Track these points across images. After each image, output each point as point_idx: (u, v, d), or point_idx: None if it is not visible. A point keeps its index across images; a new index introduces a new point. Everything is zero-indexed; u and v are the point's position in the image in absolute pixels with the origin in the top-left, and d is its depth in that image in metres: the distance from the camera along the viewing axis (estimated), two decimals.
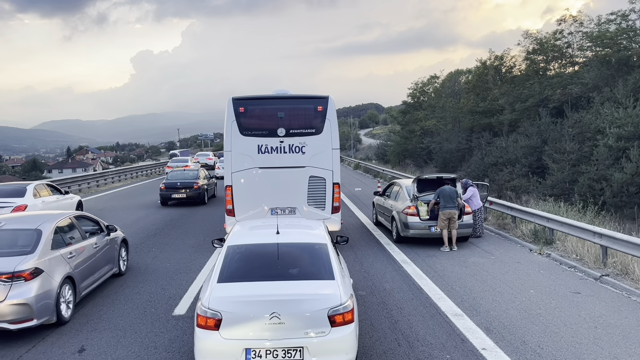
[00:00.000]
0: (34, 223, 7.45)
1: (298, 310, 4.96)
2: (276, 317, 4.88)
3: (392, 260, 10.56)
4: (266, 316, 4.90)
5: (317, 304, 5.00)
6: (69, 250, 7.54)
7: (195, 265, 10.26)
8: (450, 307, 7.60)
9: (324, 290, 5.17)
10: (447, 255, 10.82)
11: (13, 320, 6.37)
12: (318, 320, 4.93)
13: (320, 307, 4.97)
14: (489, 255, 10.84)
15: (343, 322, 4.98)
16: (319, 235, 6.27)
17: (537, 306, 7.59)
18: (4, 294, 6.37)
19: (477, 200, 12.39)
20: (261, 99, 11.29)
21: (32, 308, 6.45)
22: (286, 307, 4.94)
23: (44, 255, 6.91)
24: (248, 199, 10.84)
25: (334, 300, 5.03)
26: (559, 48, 36.79)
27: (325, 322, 4.94)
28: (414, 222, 11.56)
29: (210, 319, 4.94)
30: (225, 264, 5.57)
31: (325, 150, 10.88)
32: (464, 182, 12.58)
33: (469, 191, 12.37)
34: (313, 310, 4.96)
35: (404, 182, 13.21)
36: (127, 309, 7.75)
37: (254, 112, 10.98)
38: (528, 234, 12.11)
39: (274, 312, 4.89)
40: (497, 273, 9.42)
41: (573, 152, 28.85)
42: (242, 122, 10.82)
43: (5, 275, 6.43)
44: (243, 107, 10.82)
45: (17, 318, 6.39)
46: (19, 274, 6.49)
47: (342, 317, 4.97)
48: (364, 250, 11.50)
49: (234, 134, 10.81)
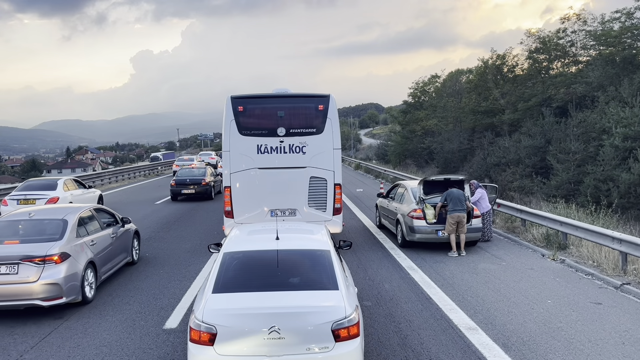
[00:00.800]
0: (60, 214, 8.33)
1: (299, 323, 4.61)
2: (276, 331, 4.54)
3: (398, 266, 10.01)
4: (265, 330, 4.55)
5: (319, 316, 4.65)
6: (90, 239, 8.39)
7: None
8: (462, 319, 7.05)
9: (327, 302, 4.83)
10: (456, 261, 10.27)
11: (45, 298, 7.16)
12: (321, 335, 4.58)
13: (324, 321, 4.61)
14: (500, 261, 10.29)
15: (348, 336, 4.63)
16: (321, 241, 5.92)
17: (556, 318, 7.05)
18: (38, 274, 7.14)
19: (485, 203, 11.86)
20: (261, 98, 10.98)
21: (62, 287, 7.26)
22: (286, 321, 4.59)
23: (70, 242, 7.75)
24: (247, 201, 10.50)
25: (338, 313, 4.67)
26: (562, 47, 36.27)
27: (329, 337, 4.58)
28: (420, 226, 11.01)
29: (205, 334, 4.59)
30: (221, 272, 5.23)
31: (326, 151, 10.58)
32: (474, 184, 12.05)
33: (477, 193, 11.84)
34: (315, 323, 4.61)
35: (409, 183, 12.66)
36: (115, 321, 7.20)
37: (253, 112, 10.69)
38: (540, 238, 11.54)
39: (273, 326, 4.54)
40: (510, 281, 8.87)
41: (578, 152, 28.31)
42: (241, 122, 10.51)
43: (38, 259, 7.21)
44: (242, 106, 10.52)
45: (49, 296, 7.18)
46: (50, 258, 7.28)
47: (347, 331, 4.62)
48: (368, 255, 10.96)
49: (233, 133, 10.50)
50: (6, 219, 8.39)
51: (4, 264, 7.10)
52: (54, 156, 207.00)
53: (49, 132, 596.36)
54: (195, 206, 19.20)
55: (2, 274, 7.07)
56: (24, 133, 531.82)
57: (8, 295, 7.05)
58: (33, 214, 8.40)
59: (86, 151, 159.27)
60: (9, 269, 7.10)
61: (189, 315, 5.79)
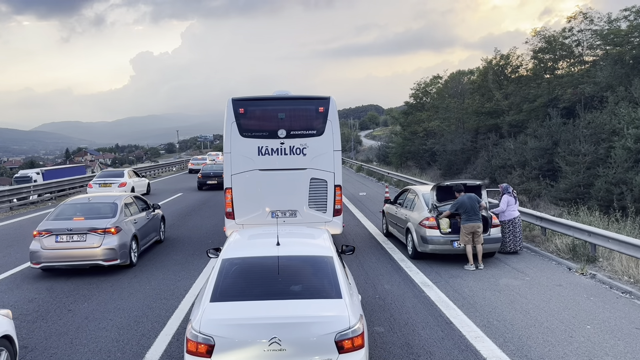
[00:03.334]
0: (111, 199, 10.70)
1: (301, 334, 4.41)
2: (276, 342, 4.35)
3: (410, 282, 9.02)
4: (265, 341, 4.36)
5: (322, 327, 4.45)
6: (133, 218, 10.81)
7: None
8: (492, 351, 6.06)
9: (331, 312, 4.63)
10: (474, 276, 9.29)
11: (105, 259, 9.59)
12: (324, 346, 4.38)
13: (327, 331, 4.41)
14: (523, 275, 9.30)
15: (352, 347, 4.41)
16: (324, 247, 5.69)
17: (601, 349, 6.06)
18: (100, 242, 9.55)
19: (512, 209, 10.84)
20: (261, 100, 11.02)
21: (117, 252, 9.68)
22: (287, 331, 4.40)
23: (120, 219, 10.12)
24: (248, 202, 10.57)
25: (341, 323, 4.47)
26: (568, 46, 35.33)
27: (332, 348, 4.38)
28: (434, 236, 10.02)
29: (202, 345, 4.39)
30: (219, 279, 5.03)
31: (326, 152, 10.58)
32: (503, 187, 11.05)
33: (503, 200, 10.83)
34: (318, 334, 4.41)
35: (420, 188, 11.63)
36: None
37: (254, 113, 10.75)
38: (564, 249, 10.51)
39: (273, 337, 4.36)
40: (538, 300, 7.88)
41: (588, 154, 27.35)
42: (242, 124, 10.55)
43: (100, 230, 9.60)
44: (243, 108, 10.59)
45: (108, 258, 9.60)
46: (109, 230, 9.67)
47: (351, 342, 4.41)
48: (376, 268, 9.98)
49: (234, 135, 10.54)
50: (71, 202, 10.77)
51: (76, 234, 9.56)
52: (53, 158, 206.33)
53: (49, 134, 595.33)
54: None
55: (74, 241, 9.55)
56: (24, 135, 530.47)
57: (80, 257, 9.54)
58: (91, 199, 10.92)
59: (85, 153, 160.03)
60: (80, 238, 9.55)
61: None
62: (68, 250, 9.48)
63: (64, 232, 9.52)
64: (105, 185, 21.80)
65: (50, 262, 9.51)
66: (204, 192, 24.96)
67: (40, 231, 9.59)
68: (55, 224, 9.73)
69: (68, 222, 9.75)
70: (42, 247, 9.47)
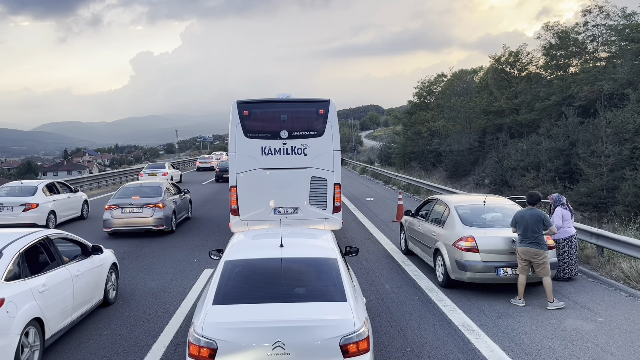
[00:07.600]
0: (156, 184, 14.77)
1: (305, 338, 4.32)
2: (280, 346, 4.26)
3: (448, 324, 6.98)
4: (268, 345, 4.27)
5: (327, 331, 4.35)
6: (172, 198, 14.47)
7: None
8: None
9: (335, 315, 4.54)
10: (529, 315, 7.24)
11: (155, 225, 13.44)
12: (328, 350, 4.28)
13: (331, 335, 4.31)
14: (592, 314, 7.25)
15: (357, 352, 4.31)
16: (328, 248, 5.64)
17: None
18: (152, 213, 13.40)
19: (568, 225, 8.84)
20: (265, 103, 11.49)
21: (164, 221, 13.54)
22: (291, 335, 4.31)
23: (165, 198, 13.86)
24: (252, 199, 11.04)
25: (346, 327, 4.37)
26: (581, 42, 33.31)
27: (337, 352, 4.28)
28: (473, 261, 7.97)
29: (204, 349, 4.31)
30: (222, 282, 4.99)
31: (326, 152, 11.05)
32: (554, 198, 9.03)
33: (556, 212, 8.81)
34: (322, 338, 4.32)
35: (451, 199, 9.50)
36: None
37: (257, 115, 11.20)
38: (635, 277, 8.45)
39: (277, 341, 4.27)
40: (627, 356, 5.86)
41: (612, 155, 25.32)
42: (246, 125, 11.04)
43: (152, 204, 13.42)
44: (247, 110, 11.06)
45: (157, 224, 13.47)
46: (157, 205, 13.52)
47: (356, 347, 4.31)
48: (400, 301, 7.93)
49: (239, 136, 11.02)
50: (129, 186, 14.74)
51: (135, 207, 13.35)
52: (52, 158, 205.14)
53: (49, 134, 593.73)
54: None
55: (134, 212, 13.34)
56: (24, 135, 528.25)
57: (138, 224, 13.37)
58: (142, 184, 15.00)
59: (84, 153, 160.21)
60: (138, 210, 13.35)
61: None
62: (130, 219, 13.33)
63: (127, 205, 13.36)
64: (152, 174, 29.27)
65: (118, 227, 13.36)
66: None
67: (110, 205, 13.42)
68: (120, 200, 13.53)
69: (129, 200, 13.55)
70: (112, 217, 13.32)
